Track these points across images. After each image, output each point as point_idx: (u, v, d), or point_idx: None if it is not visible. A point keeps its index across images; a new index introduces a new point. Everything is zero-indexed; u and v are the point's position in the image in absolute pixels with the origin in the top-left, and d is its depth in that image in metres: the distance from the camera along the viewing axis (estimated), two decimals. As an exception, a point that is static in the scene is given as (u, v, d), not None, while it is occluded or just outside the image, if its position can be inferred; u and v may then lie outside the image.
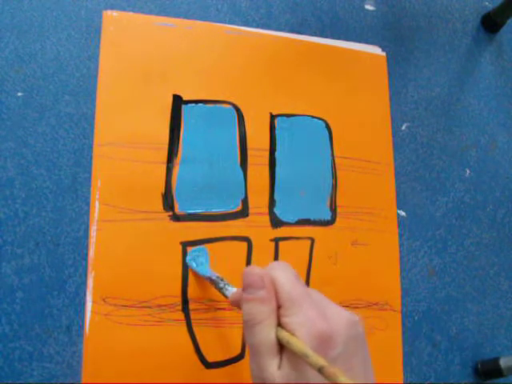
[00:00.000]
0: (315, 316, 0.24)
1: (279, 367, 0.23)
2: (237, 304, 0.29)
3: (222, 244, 0.40)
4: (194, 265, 0.38)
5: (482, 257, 0.50)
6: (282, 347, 0.24)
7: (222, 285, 0.34)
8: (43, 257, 0.37)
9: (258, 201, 0.42)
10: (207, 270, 0.37)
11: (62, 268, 0.37)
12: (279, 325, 0.24)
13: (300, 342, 0.22)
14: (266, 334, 0.24)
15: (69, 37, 0.41)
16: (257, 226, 0.42)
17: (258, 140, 0.43)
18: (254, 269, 0.26)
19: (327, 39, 0.48)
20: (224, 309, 0.39)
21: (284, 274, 0.26)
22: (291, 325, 0.23)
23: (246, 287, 0.26)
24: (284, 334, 0.23)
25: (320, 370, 0.21)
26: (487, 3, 0.57)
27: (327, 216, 0.44)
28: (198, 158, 0.41)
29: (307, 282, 0.42)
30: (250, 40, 0.45)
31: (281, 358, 0.24)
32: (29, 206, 0.37)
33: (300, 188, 0.44)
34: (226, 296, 0.33)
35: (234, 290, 0.32)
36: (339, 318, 0.24)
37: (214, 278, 0.35)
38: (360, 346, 0.25)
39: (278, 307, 0.25)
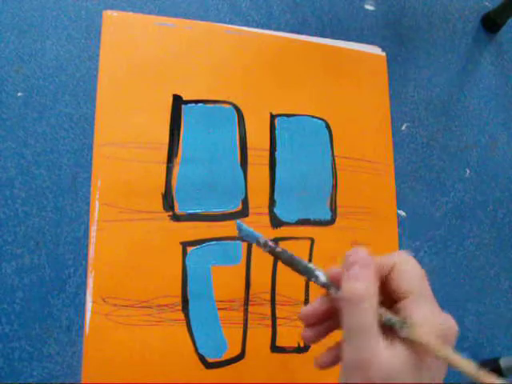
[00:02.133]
0: (438, 314, 0.23)
1: (389, 349, 0.22)
2: (329, 284, 0.26)
3: (221, 244, 0.40)
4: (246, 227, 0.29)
5: (482, 257, 0.49)
6: (386, 331, 0.23)
7: (319, 275, 0.28)
8: (43, 257, 0.37)
9: (258, 201, 0.42)
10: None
11: (62, 268, 0.37)
12: (393, 312, 0.24)
13: (427, 333, 0.22)
14: (371, 312, 0.23)
15: (69, 37, 0.41)
16: (257, 226, 0.42)
17: (258, 140, 0.43)
18: (360, 249, 0.25)
19: (327, 39, 0.48)
20: (226, 309, 0.39)
21: (413, 263, 0.25)
22: (419, 317, 0.23)
23: (351, 265, 0.25)
24: (397, 319, 0.23)
25: (476, 374, 0.21)
26: (487, 3, 0.57)
27: (327, 216, 0.44)
28: (198, 158, 0.41)
29: (307, 282, 0.42)
30: (249, 40, 0.45)
31: (385, 339, 0.23)
32: (29, 205, 0.37)
33: (300, 188, 0.44)
34: (305, 271, 0.28)
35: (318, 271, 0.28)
36: (454, 325, 0.24)
37: (273, 246, 0.28)
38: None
39: (402, 297, 0.24)
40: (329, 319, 0.26)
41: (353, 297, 0.23)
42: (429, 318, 0.23)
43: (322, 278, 0.27)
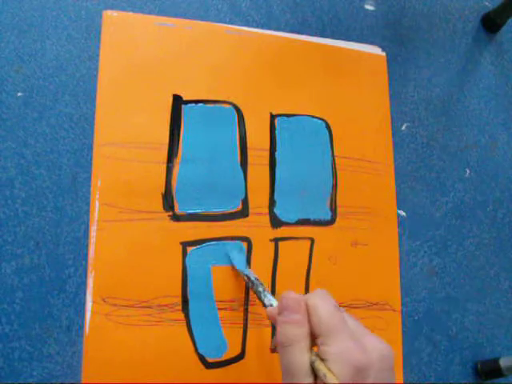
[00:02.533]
0: (353, 347, 0.24)
1: None
2: (273, 319, 0.30)
3: (221, 244, 0.40)
4: (235, 257, 0.39)
5: (482, 257, 0.50)
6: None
7: (261, 289, 0.34)
8: (43, 257, 0.37)
9: (258, 201, 0.42)
10: (245, 268, 0.39)
11: (62, 268, 0.37)
12: (316, 353, 0.25)
13: (335, 379, 0.23)
14: (300, 355, 0.25)
15: (69, 37, 0.41)
16: (257, 226, 0.42)
17: (258, 140, 0.43)
18: (291, 293, 0.27)
19: (327, 39, 0.48)
20: (226, 309, 0.39)
21: (323, 303, 0.26)
22: (329, 355, 0.24)
23: (282, 310, 0.27)
24: (321, 367, 0.24)
25: None
26: (487, 3, 0.57)
27: (327, 216, 0.44)
28: (197, 158, 0.41)
29: (307, 283, 0.42)
30: (249, 40, 0.45)
31: (315, 381, 0.24)
32: (29, 205, 0.37)
33: (300, 188, 0.44)
34: (261, 300, 0.33)
35: (273, 301, 0.32)
36: (376, 348, 0.25)
37: (253, 279, 0.35)
38: (390, 378, 0.25)
39: (317, 336, 0.25)
40: None
41: (284, 341, 0.25)
42: (339, 354, 0.24)
43: (269, 312, 0.31)
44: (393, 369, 0.26)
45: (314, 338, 0.26)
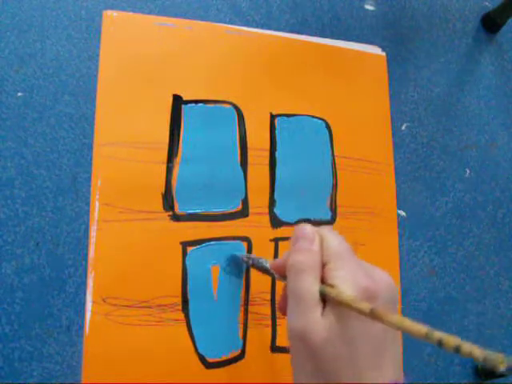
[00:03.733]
0: (361, 272, 0.24)
1: (322, 315, 0.24)
2: (277, 270, 0.30)
3: (221, 244, 0.40)
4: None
5: (482, 257, 0.50)
6: (324, 301, 0.25)
7: (256, 259, 0.35)
8: (43, 257, 0.37)
9: (258, 201, 0.42)
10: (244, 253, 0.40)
11: (62, 268, 0.37)
12: (323, 281, 0.25)
13: (348, 292, 0.23)
14: (311, 282, 0.24)
15: (69, 37, 0.41)
16: (257, 226, 0.42)
17: (258, 140, 0.43)
18: (307, 225, 0.27)
19: (327, 39, 0.48)
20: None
21: (332, 233, 0.27)
22: (338, 278, 0.24)
23: (296, 239, 0.27)
24: (330, 289, 0.24)
25: (371, 311, 0.21)
26: (487, 3, 0.57)
27: (327, 216, 0.44)
28: (197, 158, 0.41)
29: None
30: (250, 40, 0.45)
31: (323, 308, 0.24)
32: (29, 205, 0.37)
33: (300, 188, 0.44)
34: (263, 267, 0.33)
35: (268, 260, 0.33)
36: (383, 279, 0.25)
37: (253, 256, 0.36)
38: (394, 309, 0.26)
39: (325, 264, 0.25)
40: None
41: (296, 266, 0.25)
42: (347, 278, 0.24)
43: (265, 263, 0.33)
44: (396, 303, 0.26)
45: (322, 269, 0.26)
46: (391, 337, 0.24)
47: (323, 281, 0.25)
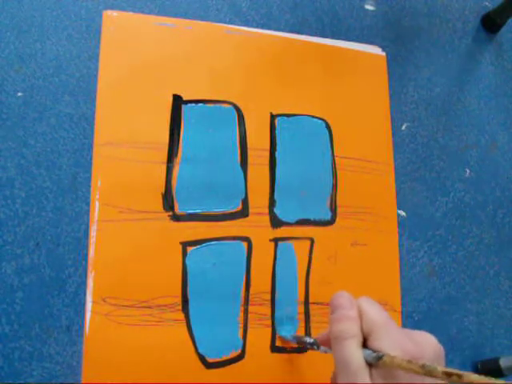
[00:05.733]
0: (405, 339, 0.25)
1: (371, 380, 0.25)
2: (325, 342, 0.32)
3: (222, 244, 0.40)
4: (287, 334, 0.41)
5: (482, 257, 0.49)
6: (369, 367, 0.25)
7: (306, 339, 0.36)
8: (43, 257, 0.37)
9: (258, 201, 0.42)
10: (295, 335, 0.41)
11: (62, 268, 0.37)
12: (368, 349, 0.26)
13: (395, 355, 0.24)
14: (355, 348, 0.25)
15: (69, 37, 0.41)
16: (257, 226, 0.42)
17: (258, 140, 0.43)
18: (343, 292, 0.28)
19: (327, 39, 0.48)
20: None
21: (370, 303, 0.28)
22: (383, 347, 0.25)
23: (335, 308, 0.28)
24: (385, 357, 0.24)
25: (423, 366, 0.22)
26: (487, 3, 0.57)
27: (327, 216, 0.44)
28: (198, 158, 0.41)
29: (307, 282, 0.42)
30: (249, 40, 0.45)
31: (371, 373, 0.25)
32: (29, 206, 0.37)
33: (300, 188, 0.44)
34: (310, 344, 0.35)
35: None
36: (427, 341, 0.26)
37: (305, 339, 0.36)
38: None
39: (367, 335, 0.26)
40: None
41: (340, 336, 0.26)
42: (394, 346, 0.25)
43: (309, 340, 0.35)
44: (443, 360, 0.26)
45: (364, 339, 0.26)
46: None
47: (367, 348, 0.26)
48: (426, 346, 0.26)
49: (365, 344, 0.26)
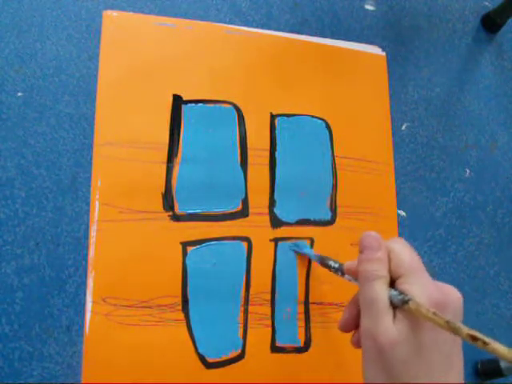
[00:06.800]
0: (433, 287, 0.26)
1: (394, 322, 0.25)
2: (351, 271, 0.31)
3: (222, 244, 0.40)
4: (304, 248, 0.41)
5: (482, 257, 0.49)
6: (393, 307, 0.26)
7: (331, 262, 0.34)
8: (43, 257, 0.37)
9: (258, 201, 0.42)
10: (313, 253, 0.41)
11: (62, 268, 0.37)
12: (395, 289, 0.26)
13: (422, 303, 0.24)
14: (382, 289, 0.26)
15: (69, 37, 0.41)
16: (257, 226, 0.42)
17: (258, 140, 0.43)
18: (372, 233, 0.28)
19: (327, 39, 0.48)
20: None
21: (404, 247, 0.28)
22: (411, 292, 0.25)
23: (364, 248, 0.28)
24: (411, 302, 0.24)
25: (447, 322, 0.23)
26: (487, 3, 0.57)
27: (327, 216, 0.44)
28: (198, 158, 0.41)
29: (307, 282, 0.42)
30: (249, 40, 0.45)
31: (394, 315, 0.25)
32: (29, 206, 0.37)
33: (300, 188, 0.44)
34: (335, 269, 0.34)
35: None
36: (453, 293, 0.26)
37: (321, 259, 0.36)
38: (461, 320, 0.27)
39: (396, 277, 0.26)
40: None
41: (367, 276, 0.26)
42: (421, 291, 0.25)
43: (334, 264, 0.34)
44: (462, 314, 0.27)
45: (392, 280, 0.26)
46: (458, 344, 0.26)
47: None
48: (450, 296, 0.26)
49: (393, 285, 0.26)
